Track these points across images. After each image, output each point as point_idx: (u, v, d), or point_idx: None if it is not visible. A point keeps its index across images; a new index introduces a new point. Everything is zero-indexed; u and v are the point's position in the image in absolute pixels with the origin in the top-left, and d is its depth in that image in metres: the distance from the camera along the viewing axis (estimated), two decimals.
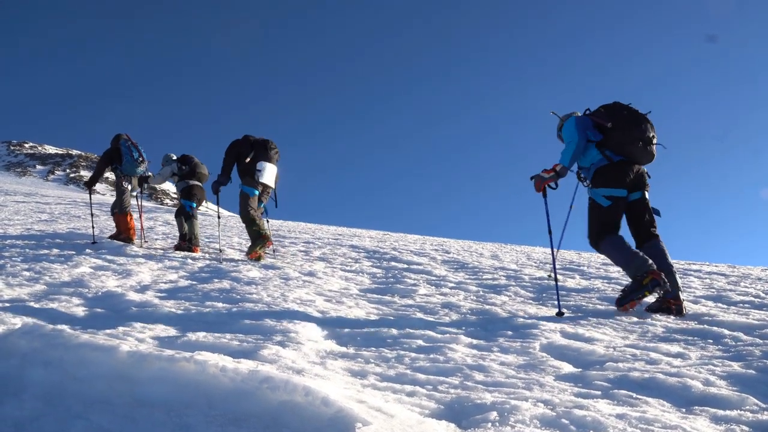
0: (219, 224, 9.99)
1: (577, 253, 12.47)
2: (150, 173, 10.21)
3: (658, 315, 4.84)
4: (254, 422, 2.37)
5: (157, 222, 14.76)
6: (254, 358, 3.25)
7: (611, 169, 5.15)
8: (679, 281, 5.07)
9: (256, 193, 8.27)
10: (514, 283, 6.73)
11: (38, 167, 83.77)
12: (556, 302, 5.51)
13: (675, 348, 3.80)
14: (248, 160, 8.10)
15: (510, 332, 4.25)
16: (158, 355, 2.80)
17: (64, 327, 3.73)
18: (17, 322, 3.77)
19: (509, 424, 2.40)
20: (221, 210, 9.95)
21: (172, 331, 3.98)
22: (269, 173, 8.21)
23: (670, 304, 4.93)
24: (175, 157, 10.11)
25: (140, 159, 9.74)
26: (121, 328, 3.92)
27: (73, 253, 8.03)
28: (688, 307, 5.22)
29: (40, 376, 2.79)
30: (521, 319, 4.61)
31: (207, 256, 8.56)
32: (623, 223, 5.31)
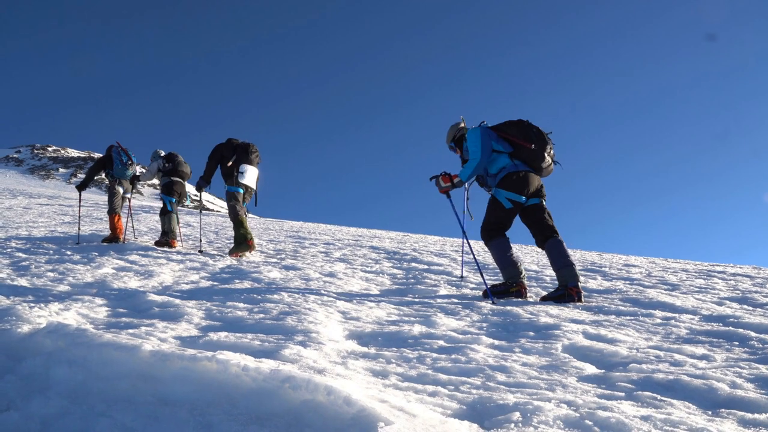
0: (200, 219, 10.70)
1: (599, 254, 12.38)
2: (138, 174, 10.85)
3: (682, 316, 4.79)
4: (276, 421, 2.37)
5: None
6: (276, 357, 3.25)
7: (518, 177, 5.75)
8: (578, 273, 5.67)
9: (241, 191, 8.84)
10: (535, 284, 6.69)
11: (61, 170, 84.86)
12: (578, 304, 5.47)
13: (700, 350, 3.75)
14: (230, 163, 8.68)
15: (532, 333, 4.22)
16: (180, 354, 2.81)
17: (88, 326, 3.76)
18: (42, 321, 3.81)
19: (532, 425, 2.38)
20: None
21: (193, 331, 4.00)
22: (250, 175, 8.74)
23: (573, 293, 5.52)
24: (163, 154, 10.65)
25: (129, 162, 10.45)
26: (143, 328, 3.94)
27: (96, 254, 8.12)
28: (713, 309, 5.17)
29: (65, 375, 2.81)
30: (543, 320, 4.58)
31: (227, 257, 8.60)
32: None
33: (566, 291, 5.54)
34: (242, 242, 8.59)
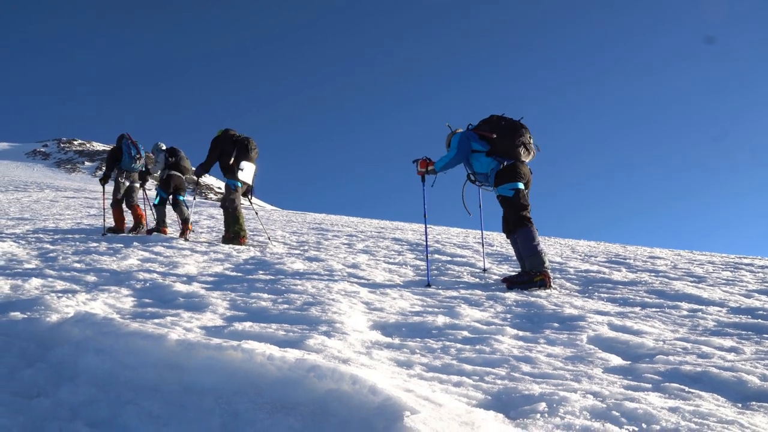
0: (192, 206, 11.44)
1: (623, 246, 12.27)
2: (149, 167, 11.31)
3: (709, 308, 4.73)
4: (302, 410, 2.37)
5: (201, 216, 14.94)
6: (300, 347, 3.26)
7: (508, 170, 6.06)
8: (546, 258, 5.87)
9: (239, 185, 9.22)
10: (559, 276, 6.64)
11: (87, 163, 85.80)
12: (603, 295, 5.43)
13: (728, 342, 3.70)
14: (231, 161, 9.17)
15: (556, 324, 4.19)
16: (206, 343, 2.82)
17: (115, 316, 3.80)
18: (70, 311, 3.85)
19: (558, 415, 2.37)
20: (267, 205, 10.39)
21: (218, 321, 4.02)
22: (248, 171, 9.25)
23: (545, 278, 5.70)
24: (164, 147, 11.00)
25: (137, 156, 10.82)
26: (169, 318, 3.97)
27: (122, 246, 8.20)
28: (741, 301, 5.11)
29: (93, 363, 2.84)
30: (567, 312, 4.54)
31: (252, 248, 8.64)
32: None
33: (536, 275, 5.77)
34: (235, 237, 9.06)
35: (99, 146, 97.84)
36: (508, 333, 3.89)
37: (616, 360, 3.35)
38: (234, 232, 9.09)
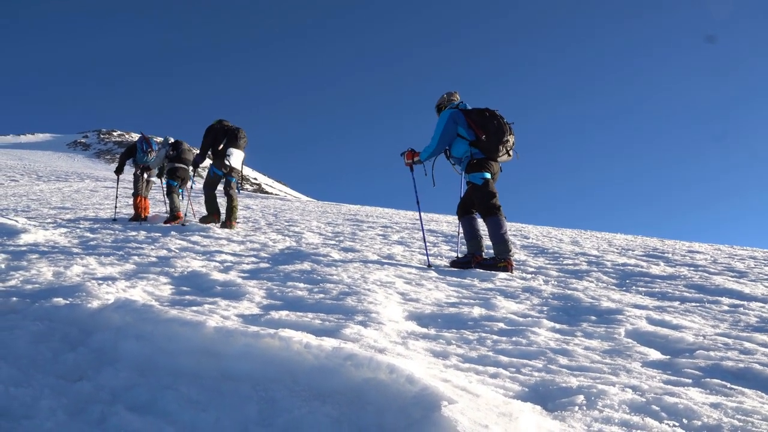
0: (190, 195, 12.30)
1: (661, 240, 12.08)
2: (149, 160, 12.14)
3: (751, 303, 4.63)
4: (338, 398, 2.38)
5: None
6: (336, 336, 3.27)
7: (481, 162, 6.46)
8: (512, 246, 6.34)
9: (221, 173, 10.12)
10: (596, 269, 6.56)
11: None
12: (641, 289, 5.36)
13: None
14: (221, 147, 9.94)
15: (594, 317, 4.14)
16: (243, 331, 2.85)
17: (154, 303, 3.85)
18: (110, 297, 3.92)
19: (597, 408, 2.34)
20: (302, 196, 10.59)
21: (255, 310, 4.05)
22: (237, 158, 9.98)
23: (508, 265, 6.16)
24: (171, 141, 11.94)
25: (149, 150, 11.79)
26: (206, 306, 4.02)
27: (159, 234, 8.32)
28: None
29: (133, 349, 2.88)
30: (605, 305, 4.49)
31: (287, 238, 8.70)
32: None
33: (473, 259, 6.34)
34: (210, 215, 10.03)
35: (137, 137, 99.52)
36: (544, 325, 3.85)
37: (654, 354, 3.30)
38: (210, 210, 10.05)
